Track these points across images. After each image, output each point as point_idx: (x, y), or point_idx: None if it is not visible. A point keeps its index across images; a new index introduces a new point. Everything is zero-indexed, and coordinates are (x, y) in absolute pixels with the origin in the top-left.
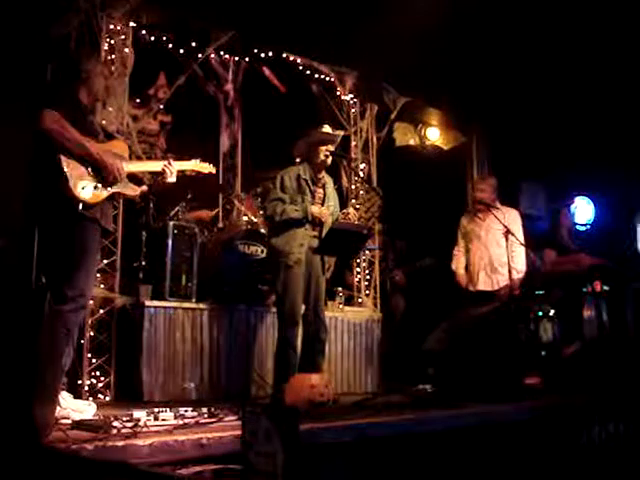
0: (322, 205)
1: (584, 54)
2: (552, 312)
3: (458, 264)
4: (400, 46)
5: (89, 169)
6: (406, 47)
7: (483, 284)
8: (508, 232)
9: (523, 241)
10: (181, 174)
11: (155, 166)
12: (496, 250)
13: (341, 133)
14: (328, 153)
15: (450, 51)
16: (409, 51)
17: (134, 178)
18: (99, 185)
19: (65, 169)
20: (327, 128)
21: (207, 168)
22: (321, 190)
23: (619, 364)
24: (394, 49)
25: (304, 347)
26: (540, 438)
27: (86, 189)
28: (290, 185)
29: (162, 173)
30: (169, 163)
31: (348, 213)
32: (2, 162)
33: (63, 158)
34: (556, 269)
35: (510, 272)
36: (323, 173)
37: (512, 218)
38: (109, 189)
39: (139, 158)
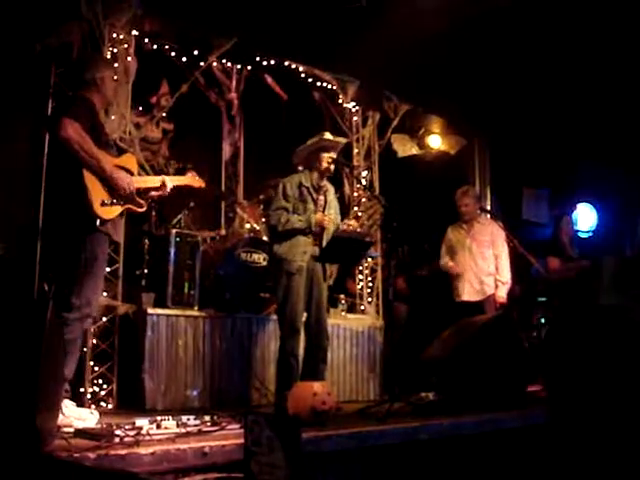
0: (323, 212)
1: (587, 59)
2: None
3: (446, 259)
4: (401, 54)
5: (105, 185)
6: (407, 55)
7: (468, 294)
8: (494, 242)
9: (507, 254)
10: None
11: (154, 181)
12: (481, 261)
13: (343, 140)
14: (330, 160)
15: (451, 58)
16: (410, 59)
17: (140, 192)
18: (114, 201)
19: (87, 184)
20: (328, 135)
21: (198, 182)
22: (322, 197)
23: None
24: (395, 57)
25: (306, 355)
26: (542, 446)
27: (104, 205)
28: (292, 193)
29: (160, 188)
30: (165, 180)
31: (350, 225)
32: (5, 171)
33: (85, 173)
34: (559, 276)
35: (496, 283)
36: (325, 181)
37: (495, 230)
38: (123, 205)
39: (142, 166)
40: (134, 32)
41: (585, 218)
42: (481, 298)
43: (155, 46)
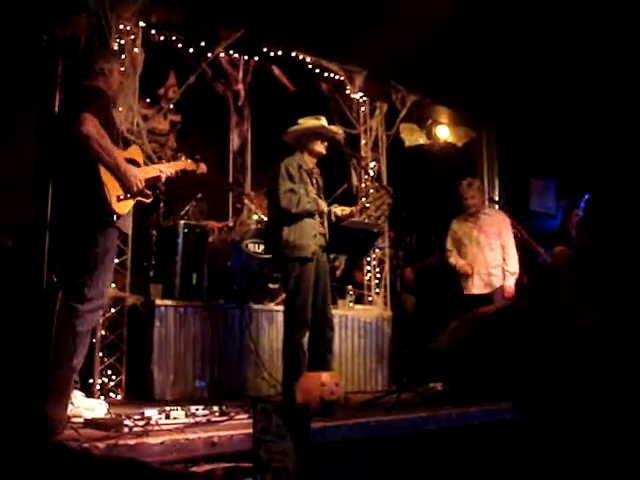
0: (320, 194)
1: (595, 49)
2: None
3: (456, 258)
4: (408, 44)
5: (119, 180)
6: (414, 45)
7: (477, 288)
8: (500, 233)
9: (514, 243)
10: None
11: (154, 171)
12: (489, 253)
13: (340, 131)
14: (323, 145)
15: (459, 48)
16: (417, 49)
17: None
18: (128, 195)
19: (104, 181)
20: (323, 121)
21: (191, 165)
22: (316, 181)
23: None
24: (402, 47)
25: (312, 346)
26: (552, 437)
27: (120, 201)
28: (295, 174)
29: (160, 177)
30: (162, 168)
31: (344, 210)
32: (12, 163)
33: (102, 169)
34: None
35: (504, 273)
36: (315, 164)
37: (502, 221)
38: (134, 198)
39: (149, 158)
40: (141, 24)
41: None
42: (490, 291)
43: (162, 38)
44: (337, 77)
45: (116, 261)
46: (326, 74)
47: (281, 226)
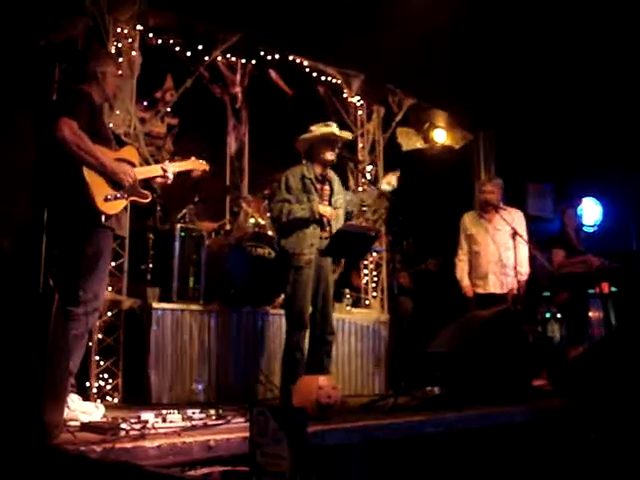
0: (329, 202)
1: (593, 53)
2: (559, 314)
3: (463, 274)
4: (406, 48)
5: (107, 180)
6: (412, 49)
7: (494, 286)
8: (515, 233)
9: (526, 244)
10: (179, 175)
11: (156, 170)
12: (504, 252)
13: (349, 135)
14: (333, 152)
15: (456, 52)
16: (415, 53)
17: (144, 182)
18: (118, 195)
19: (88, 181)
20: (335, 129)
21: (202, 165)
22: (327, 187)
23: (626, 366)
24: (399, 51)
25: (311, 349)
26: (547, 440)
27: (107, 200)
28: (295, 185)
29: (163, 175)
30: (165, 167)
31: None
32: (8, 165)
33: (85, 170)
34: (564, 270)
35: (516, 274)
36: (328, 170)
37: (518, 219)
38: (127, 198)
39: (146, 161)
40: (138, 27)
41: (590, 212)
42: (503, 291)
43: (159, 41)
44: (334, 81)
45: (113, 264)
46: (323, 78)
47: (280, 232)
